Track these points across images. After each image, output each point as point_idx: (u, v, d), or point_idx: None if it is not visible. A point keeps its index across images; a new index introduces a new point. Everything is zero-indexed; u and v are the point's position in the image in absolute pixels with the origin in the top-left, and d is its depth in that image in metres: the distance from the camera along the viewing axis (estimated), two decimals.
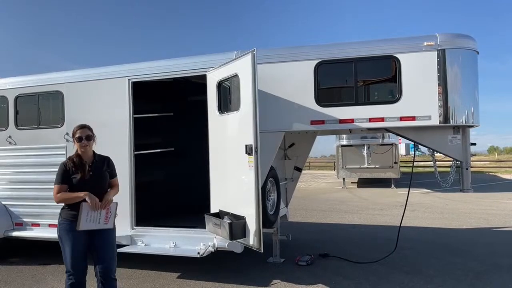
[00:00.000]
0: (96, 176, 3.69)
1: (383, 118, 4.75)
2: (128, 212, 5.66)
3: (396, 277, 5.23)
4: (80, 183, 3.60)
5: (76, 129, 3.74)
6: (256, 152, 4.18)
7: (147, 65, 5.69)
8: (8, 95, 6.45)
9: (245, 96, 4.33)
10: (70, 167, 3.64)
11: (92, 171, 3.68)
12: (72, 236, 3.58)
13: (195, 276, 5.42)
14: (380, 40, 4.85)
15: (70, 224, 3.59)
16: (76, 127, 3.78)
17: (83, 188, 3.58)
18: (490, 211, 10.71)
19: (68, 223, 3.60)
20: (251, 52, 4.21)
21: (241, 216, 4.44)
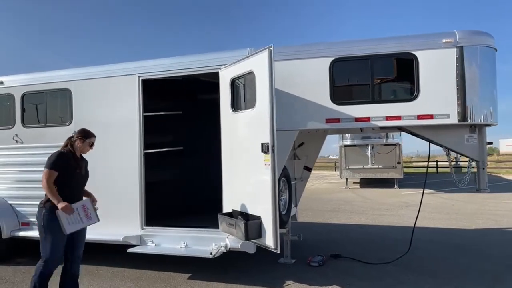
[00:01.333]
0: (85, 173, 4.20)
1: (400, 116, 4.66)
2: (138, 212, 5.57)
3: (411, 279, 5.14)
4: (75, 176, 4.00)
5: (91, 135, 4.21)
6: (273, 150, 4.09)
7: (157, 62, 5.60)
8: (15, 93, 6.35)
9: (261, 93, 4.24)
10: (70, 159, 3.98)
11: (84, 168, 4.16)
12: (56, 228, 3.81)
13: (206, 277, 5.32)
14: (397, 37, 4.77)
15: (52, 216, 3.82)
16: (92, 133, 4.24)
17: (74, 182, 4.01)
18: (497, 212, 10.64)
19: (50, 215, 3.83)
20: (268, 48, 4.12)
21: (256, 216, 4.34)
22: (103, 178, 5.76)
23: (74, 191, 4.03)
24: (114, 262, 6.07)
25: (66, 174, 3.90)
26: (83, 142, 4.10)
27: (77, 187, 4.09)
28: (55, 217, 3.79)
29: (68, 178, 3.93)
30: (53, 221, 3.81)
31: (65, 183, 3.90)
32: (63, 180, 3.89)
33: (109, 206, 5.69)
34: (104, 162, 5.75)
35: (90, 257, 6.27)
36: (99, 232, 5.68)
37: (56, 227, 3.81)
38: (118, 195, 5.67)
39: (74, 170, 3.99)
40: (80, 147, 4.09)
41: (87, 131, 4.22)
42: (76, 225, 3.86)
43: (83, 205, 3.97)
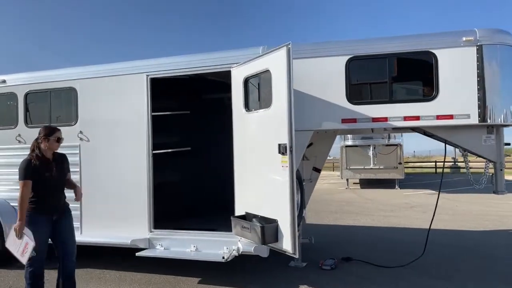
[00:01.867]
0: (59, 173, 4.05)
1: (419, 116, 4.55)
2: (146, 214, 5.42)
3: (427, 282, 5.03)
4: (46, 181, 3.92)
5: (54, 130, 4.08)
6: (291, 151, 3.96)
7: (167, 60, 5.45)
8: (18, 92, 6.17)
9: (278, 92, 4.11)
10: (36, 164, 3.88)
11: (55, 168, 4.02)
12: (44, 228, 3.92)
13: (216, 281, 5.19)
14: (416, 35, 4.65)
15: (39, 216, 3.90)
16: (54, 128, 4.13)
17: (49, 185, 3.94)
18: (502, 213, 10.56)
19: (35, 218, 3.89)
20: (286, 46, 3.99)
21: (272, 219, 4.21)
22: (110, 179, 5.63)
23: (53, 193, 4.03)
24: (121, 266, 5.91)
25: (37, 181, 3.89)
26: (48, 140, 3.99)
27: (54, 190, 4.04)
28: (35, 220, 3.88)
29: (41, 184, 3.91)
30: (34, 224, 3.87)
31: (40, 189, 3.91)
32: (37, 187, 3.89)
33: (116, 208, 5.57)
34: (110, 162, 5.62)
35: (95, 260, 6.13)
36: (106, 235, 5.56)
37: (37, 230, 3.86)
38: (125, 197, 5.52)
39: (44, 175, 3.91)
40: (47, 147, 3.99)
41: (48, 127, 4.12)
42: (12, 247, 3.90)
43: (27, 243, 3.85)
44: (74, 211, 5.69)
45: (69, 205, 4.27)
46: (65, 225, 4.13)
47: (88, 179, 5.74)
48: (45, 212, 3.97)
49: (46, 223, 3.97)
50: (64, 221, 4.14)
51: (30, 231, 3.87)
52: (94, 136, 5.73)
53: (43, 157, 3.98)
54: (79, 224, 5.76)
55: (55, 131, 4.08)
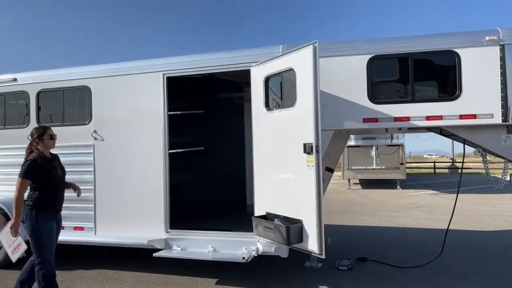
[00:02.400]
0: (62, 172, 4.17)
1: (442, 116, 4.53)
2: (162, 214, 5.36)
3: (446, 283, 5.01)
4: (53, 179, 4.00)
5: (45, 129, 4.13)
6: (317, 151, 3.92)
7: (184, 59, 5.40)
8: (30, 91, 6.09)
9: (303, 91, 4.07)
10: (42, 163, 3.94)
11: (59, 167, 4.13)
12: (51, 226, 3.97)
13: (235, 281, 5.14)
14: (439, 34, 4.63)
15: (46, 214, 3.92)
16: (44, 127, 4.20)
17: (55, 184, 4.03)
18: (508, 213, 10.59)
19: (47, 215, 3.94)
20: (312, 44, 3.96)
21: (297, 219, 4.17)
22: (125, 179, 5.57)
23: (59, 192, 4.11)
24: (135, 266, 5.85)
25: (44, 179, 3.94)
26: (43, 141, 4.05)
27: (59, 188, 4.13)
28: (47, 217, 3.94)
29: (49, 183, 3.98)
30: (46, 220, 3.92)
31: (46, 188, 3.96)
32: (44, 186, 3.94)
33: (131, 209, 5.52)
34: (126, 162, 5.55)
35: (108, 261, 6.06)
36: (121, 235, 5.50)
37: (49, 226, 3.94)
38: (141, 197, 5.46)
39: (50, 173, 4.00)
40: (43, 147, 4.05)
41: (39, 128, 4.19)
42: (4, 240, 4.08)
43: (19, 243, 4.10)
44: (88, 211, 5.72)
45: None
46: (58, 227, 4.22)
47: (102, 179, 5.67)
48: (52, 211, 4.04)
49: (54, 220, 4.07)
50: (60, 223, 4.24)
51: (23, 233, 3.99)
52: (108, 135, 5.66)
53: (45, 157, 4.03)
54: (93, 224, 5.70)
55: (46, 129, 4.14)
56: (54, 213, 4.09)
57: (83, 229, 5.74)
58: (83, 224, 5.74)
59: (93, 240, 5.67)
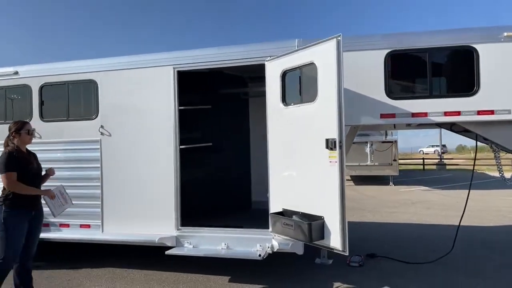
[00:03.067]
0: (38, 166, 4.17)
1: (460, 112, 4.51)
2: (173, 211, 5.25)
3: (458, 279, 5.01)
4: (30, 172, 3.98)
5: (23, 124, 4.13)
6: (341, 146, 3.86)
7: (195, 53, 5.27)
8: (32, 84, 5.89)
9: (326, 86, 4.01)
10: (18, 156, 3.93)
11: (35, 161, 4.15)
12: (22, 224, 3.92)
13: (247, 279, 5.08)
14: (456, 30, 4.62)
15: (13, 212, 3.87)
16: (23, 121, 4.22)
17: (31, 178, 4.00)
18: (504, 208, 10.74)
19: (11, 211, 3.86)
20: (335, 38, 3.89)
21: (317, 216, 4.11)
22: (134, 175, 5.44)
23: (34, 186, 4.05)
24: (143, 264, 5.74)
25: (21, 172, 3.91)
26: (20, 135, 4.03)
27: (34, 183, 4.07)
28: (16, 213, 3.86)
29: (24, 176, 3.93)
30: (14, 217, 3.86)
31: (23, 181, 3.91)
32: (21, 179, 3.89)
33: (140, 205, 5.41)
34: (135, 158, 5.42)
35: (116, 259, 5.93)
36: (129, 233, 5.38)
37: (17, 223, 3.87)
38: (150, 193, 5.34)
39: (27, 166, 3.99)
40: (20, 141, 4.04)
41: (17, 122, 4.14)
42: (60, 208, 4.28)
43: (59, 190, 4.32)
44: (94, 209, 5.57)
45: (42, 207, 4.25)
46: (37, 225, 4.14)
47: (110, 175, 5.53)
48: (25, 206, 3.96)
49: (26, 217, 3.98)
50: (38, 220, 4.15)
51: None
52: (116, 131, 5.51)
53: (21, 151, 4.02)
54: (100, 222, 5.55)
55: (24, 124, 4.12)
56: (28, 210, 4.01)
57: (90, 226, 5.60)
58: (90, 222, 5.59)
59: (100, 238, 5.53)
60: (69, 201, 4.39)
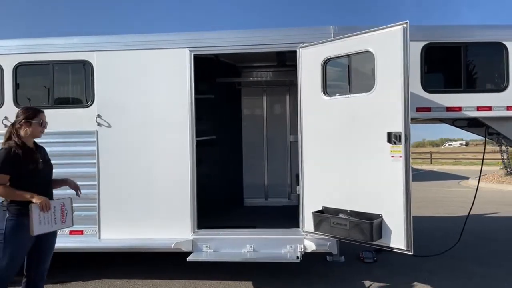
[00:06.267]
0: (46, 165, 3.33)
1: (491, 107, 4.58)
2: (189, 211, 4.68)
3: (473, 269, 5.15)
4: (34, 175, 3.17)
5: (36, 112, 3.32)
6: (406, 140, 3.67)
7: (214, 35, 4.73)
8: (3, 63, 4.87)
9: (387, 76, 3.77)
10: (18, 154, 3.11)
11: (41, 159, 3.28)
12: (21, 236, 3.09)
13: (271, 283, 4.71)
14: (488, 26, 4.73)
15: (17, 221, 3.07)
16: (37, 109, 3.37)
17: (35, 180, 3.17)
18: (454, 199, 11.52)
19: (15, 220, 3.08)
20: (401, 25, 3.66)
21: (372, 214, 3.87)
22: (140, 172, 4.77)
23: (40, 190, 3.15)
24: (148, 273, 5.07)
25: (22, 175, 3.11)
26: (31, 125, 3.23)
27: (42, 185, 3.24)
28: (21, 223, 3.06)
29: (26, 179, 3.13)
30: (18, 227, 3.07)
31: (24, 186, 3.09)
32: (21, 183, 3.09)
33: (148, 206, 4.78)
34: (141, 152, 4.77)
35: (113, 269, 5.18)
36: (134, 239, 4.73)
37: (21, 235, 3.08)
38: (161, 193, 4.72)
39: (28, 168, 3.15)
40: (28, 133, 3.23)
41: (30, 109, 3.37)
42: (47, 226, 3.14)
43: (62, 203, 3.28)
44: (89, 212, 4.80)
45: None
46: (49, 237, 3.31)
47: (108, 173, 4.77)
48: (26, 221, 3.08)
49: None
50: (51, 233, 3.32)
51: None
52: (117, 121, 4.76)
53: (25, 146, 3.20)
54: (97, 227, 4.78)
55: (38, 112, 3.32)
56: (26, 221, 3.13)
57: (83, 233, 4.79)
58: (82, 227, 4.78)
59: (97, 246, 4.77)
60: (69, 222, 3.33)
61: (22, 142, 3.20)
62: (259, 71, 6.80)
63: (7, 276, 3.11)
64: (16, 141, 3.17)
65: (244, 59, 6.48)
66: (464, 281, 4.76)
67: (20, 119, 3.24)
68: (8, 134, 3.24)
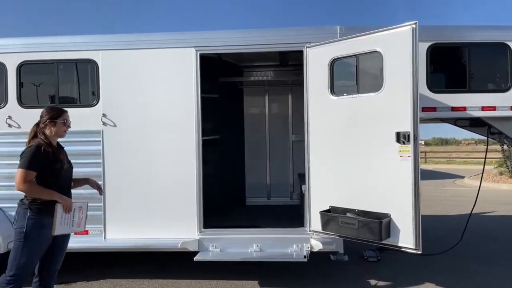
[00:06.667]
0: (69, 166, 3.35)
1: (495, 107, 4.63)
2: (195, 211, 4.68)
3: (474, 268, 5.20)
4: (59, 174, 3.19)
5: (62, 112, 3.35)
6: (415, 140, 3.70)
7: (221, 35, 4.73)
8: (8, 62, 4.82)
9: (395, 76, 3.80)
10: (48, 152, 3.12)
11: (65, 160, 3.31)
12: (45, 236, 3.11)
13: (277, 283, 4.72)
14: (492, 26, 4.74)
15: (39, 220, 3.08)
16: (61, 109, 3.39)
17: (59, 180, 3.20)
18: (455, 198, 11.59)
19: (37, 219, 3.08)
20: (410, 25, 3.69)
21: (380, 214, 3.90)
22: (146, 172, 4.76)
23: (63, 192, 3.20)
24: (154, 272, 5.06)
25: (47, 173, 3.12)
26: (55, 124, 3.24)
27: (64, 186, 3.26)
28: (42, 222, 3.07)
29: (51, 179, 3.14)
30: (39, 227, 3.07)
31: (48, 185, 3.11)
32: (46, 182, 3.10)
33: (154, 206, 4.77)
34: (148, 152, 4.74)
35: (118, 269, 5.15)
36: (140, 238, 4.72)
37: (41, 234, 3.09)
38: (167, 192, 4.71)
39: (54, 167, 3.16)
40: (53, 132, 3.24)
41: (55, 108, 3.37)
42: (65, 228, 3.18)
43: (80, 207, 3.30)
44: (95, 211, 4.76)
45: None
46: (66, 239, 3.38)
47: (114, 172, 4.75)
48: (52, 215, 3.11)
49: (50, 230, 3.14)
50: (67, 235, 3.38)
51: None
52: (122, 120, 4.74)
53: (51, 146, 3.20)
54: (102, 227, 4.76)
55: (62, 112, 3.34)
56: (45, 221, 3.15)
57: (88, 232, 4.75)
58: (88, 227, 4.67)
59: (102, 246, 4.75)
60: (82, 226, 3.33)
61: (49, 141, 3.20)
62: (261, 71, 6.81)
63: (24, 274, 3.10)
64: (43, 139, 3.17)
65: (246, 58, 6.50)
66: (466, 281, 4.81)
67: (45, 119, 3.24)
68: (32, 134, 3.24)
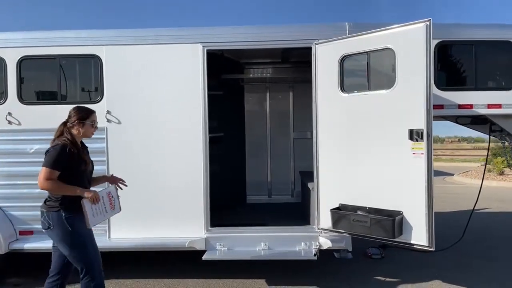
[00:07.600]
0: (92, 166, 3.38)
1: (501, 104, 4.66)
2: (202, 209, 4.62)
3: (478, 263, 5.25)
4: (83, 175, 3.22)
5: (89, 113, 3.30)
6: (428, 137, 3.69)
7: (228, 31, 4.66)
8: (7, 57, 4.68)
9: (408, 73, 3.78)
10: (73, 153, 3.09)
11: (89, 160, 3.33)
12: (84, 228, 3.12)
13: (284, 280, 4.69)
14: (498, 25, 4.76)
15: (76, 216, 3.09)
16: (90, 109, 3.34)
17: (84, 180, 3.23)
18: (447, 195, 11.69)
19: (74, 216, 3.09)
20: (424, 22, 3.67)
21: (392, 211, 3.89)
22: (152, 170, 4.67)
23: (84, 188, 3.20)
24: (160, 272, 4.98)
25: (72, 174, 3.10)
26: (83, 125, 3.23)
27: (86, 185, 3.28)
28: (79, 217, 3.07)
29: (74, 177, 3.12)
30: (79, 221, 3.08)
31: (71, 183, 3.08)
32: (69, 181, 3.07)
33: (160, 205, 4.70)
34: (152, 149, 4.67)
35: (122, 269, 5.05)
36: (146, 237, 4.64)
37: (84, 227, 3.11)
38: (173, 191, 4.64)
39: (80, 167, 3.17)
40: (80, 133, 3.23)
41: (84, 109, 3.32)
42: (100, 217, 3.23)
43: (109, 192, 3.36)
44: None
45: None
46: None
47: (118, 171, 4.58)
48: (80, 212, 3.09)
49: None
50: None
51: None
52: (127, 117, 4.64)
53: (76, 145, 3.19)
54: (106, 226, 4.66)
55: (91, 113, 3.30)
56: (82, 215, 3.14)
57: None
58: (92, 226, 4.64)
59: (107, 246, 4.62)
60: (117, 208, 3.42)
61: (74, 141, 3.18)
62: (263, 68, 6.76)
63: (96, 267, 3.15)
64: (70, 139, 3.13)
65: (248, 55, 6.44)
66: (472, 275, 4.85)
67: (73, 119, 3.21)
68: (59, 132, 3.20)
